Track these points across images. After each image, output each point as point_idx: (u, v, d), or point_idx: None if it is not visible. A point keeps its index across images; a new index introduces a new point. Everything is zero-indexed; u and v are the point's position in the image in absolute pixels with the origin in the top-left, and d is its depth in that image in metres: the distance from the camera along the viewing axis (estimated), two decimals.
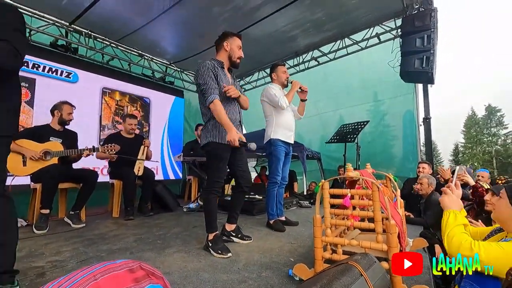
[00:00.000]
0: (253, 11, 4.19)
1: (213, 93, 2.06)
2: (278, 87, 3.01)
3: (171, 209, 3.90)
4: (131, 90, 5.67)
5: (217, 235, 2.13)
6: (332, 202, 1.57)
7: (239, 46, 2.30)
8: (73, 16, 4.21)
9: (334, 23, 4.70)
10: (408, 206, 3.52)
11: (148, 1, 3.88)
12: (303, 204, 4.51)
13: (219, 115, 2.05)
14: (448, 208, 1.25)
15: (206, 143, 2.17)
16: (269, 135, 2.92)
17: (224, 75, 2.24)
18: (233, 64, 2.31)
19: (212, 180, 2.16)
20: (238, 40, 2.30)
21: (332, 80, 6.72)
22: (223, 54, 2.28)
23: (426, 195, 3.17)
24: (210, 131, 2.16)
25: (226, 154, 2.18)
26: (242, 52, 2.32)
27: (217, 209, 2.22)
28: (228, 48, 2.26)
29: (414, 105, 5.57)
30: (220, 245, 2.06)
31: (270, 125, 2.96)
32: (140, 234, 2.61)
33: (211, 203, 2.17)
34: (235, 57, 2.28)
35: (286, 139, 2.94)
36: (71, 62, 4.71)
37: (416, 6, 4.04)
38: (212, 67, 2.14)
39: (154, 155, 4.15)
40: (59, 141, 3.02)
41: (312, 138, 7.31)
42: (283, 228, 2.79)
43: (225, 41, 2.27)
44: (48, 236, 2.49)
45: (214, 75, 2.12)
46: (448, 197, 1.29)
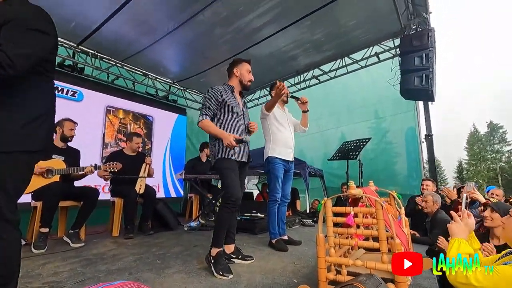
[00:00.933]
0: (255, 32, 4.31)
1: (205, 114, 2.23)
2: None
3: (171, 227, 3.84)
4: (134, 108, 5.75)
5: (220, 253, 2.09)
6: (335, 221, 1.54)
7: (249, 70, 2.44)
8: (80, 37, 4.36)
9: (334, 43, 4.82)
10: (413, 225, 3.45)
11: (153, 23, 4.02)
12: (306, 222, 4.43)
13: (208, 129, 2.20)
14: (454, 235, 1.23)
15: (217, 160, 2.24)
16: (267, 153, 2.93)
17: (234, 98, 2.36)
18: (244, 87, 2.44)
19: (227, 193, 2.15)
20: (247, 65, 2.45)
21: (333, 97, 6.81)
22: (234, 80, 2.43)
23: (432, 213, 3.10)
24: (218, 149, 2.24)
25: (235, 166, 2.23)
26: (252, 76, 2.46)
27: (227, 225, 2.20)
28: (238, 74, 2.41)
29: (415, 122, 5.60)
30: (222, 265, 2.01)
31: (268, 142, 2.98)
32: (139, 253, 2.56)
33: (223, 218, 2.15)
34: (246, 81, 2.42)
35: (284, 157, 2.93)
36: (77, 81, 4.81)
37: (414, 27, 4.14)
38: (220, 93, 2.26)
39: (156, 172, 4.14)
40: (61, 158, 3.02)
41: (314, 155, 7.30)
42: (285, 248, 2.72)
43: (235, 67, 2.42)
44: (46, 256, 2.44)
45: (219, 100, 2.25)
46: (457, 225, 1.26)
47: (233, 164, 2.21)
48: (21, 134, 1.15)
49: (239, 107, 2.38)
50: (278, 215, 2.94)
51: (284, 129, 2.97)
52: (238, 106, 2.37)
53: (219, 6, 3.69)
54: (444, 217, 2.89)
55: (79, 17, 3.86)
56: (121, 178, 3.44)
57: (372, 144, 5.85)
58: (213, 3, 3.61)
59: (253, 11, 3.82)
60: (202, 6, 3.66)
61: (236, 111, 2.31)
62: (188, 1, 3.58)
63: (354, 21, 4.21)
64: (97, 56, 4.86)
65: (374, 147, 6.19)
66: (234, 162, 2.22)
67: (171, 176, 6.30)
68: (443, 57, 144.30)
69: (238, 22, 4.05)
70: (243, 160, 2.31)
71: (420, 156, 5.48)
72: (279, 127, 2.95)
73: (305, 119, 3.10)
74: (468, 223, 1.27)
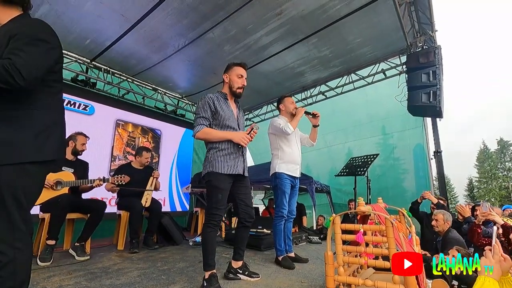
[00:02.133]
0: (263, 49, 4.42)
1: (201, 124, 2.11)
2: (284, 119, 3.00)
3: (176, 242, 3.80)
4: (143, 122, 5.85)
5: (213, 274, 2.01)
6: (345, 238, 1.51)
7: (239, 75, 2.25)
8: (94, 54, 4.52)
9: (340, 59, 4.89)
10: (423, 243, 3.35)
11: (164, 40, 4.16)
12: (312, 239, 4.34)
13: (212, 135, 2.10)
14: (482, 273, 1.08)
15: (206, 173, 2.13)
16: (275, 168, 2.90)
17: (227, 106, 2.23)
18: (233, 94, 2.27)
19: (210, 212, 2.08)
20: (239, 69, 2.26)
21: (339, 113, 6.82)
22: (225, 86, 2.30)
23: (443, 232, 3.01)
24: (210, 162, 2.12)
25: (227, 185, 2.12)
26: (244, 81, 2.27)
27: (215, 244, 2.11)
28: (227, 80, 2.27)
29: (423, 138, 5.54)
30: (214, 286, 1.93)
31: (275, 158, 2.95)
32: (144, 268, 2.53)
33: (208, 237, 2.06)
34: (235, 87, 2.25)
35: (292, 173, 2.89)
36: (88, 96, 4.94)
37: (420, 44, 4.19)
38: (212, 101, 2.15)
39: (163, 186, 4.16)
40: (71, 170, 3.07)
41: (320, 171, 7.24)
42: (292, 265, 2.66)
43: (225, 73, 2.29)
44: (51, 269, 2.43)
45: (212, 108, 2.14)
46: (486, 261, 1.11)
47: (223, 181, 2.08)
48: (30, 145, 1.17)
49: (233, 115, 2.25)
50: (285, 231, 2.89)
51: (293, 144, 2.94)
52: (232, 114, 2.24)
53: (228, 25, 3.82)
54: (456, 237, 2.79)
55: (94, 34, 4.03)
56: (127, 191, 3.45)
57: (380, 160, 5.78)
58: (222, 22, 3.73)
59: (261, 29, 3.93)
60: (212, 24, 3.78)
61: (229, 119, 2.19)
62: (199, 20, 3.71)
63: (360, 39, 4.29)
64: (109, 71, 5.02)
65: (381, 163, 6.11)
66: (225, 177, 2.09)
67: (177, 190, 6.30)
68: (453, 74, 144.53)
69: (246, 39, 4.16)
70: (238, 172, 2.15)
71: (429, 173, 5.38)
72: (288, 142, 2.92)
73: (314, 133, 3.06)
74: (503, 264, 1.11)
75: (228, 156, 2.12)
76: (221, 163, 2.09)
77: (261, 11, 3.59)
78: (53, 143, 1.24)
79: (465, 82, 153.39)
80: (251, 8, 3.52)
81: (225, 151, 2.13)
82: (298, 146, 3.02)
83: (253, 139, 2.18)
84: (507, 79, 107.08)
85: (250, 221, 2.26)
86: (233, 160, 2.14)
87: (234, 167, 2.13)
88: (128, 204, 3.49)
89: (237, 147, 2.17)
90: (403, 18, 3.64)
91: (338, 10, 3.62)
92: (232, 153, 2.14)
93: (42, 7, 3.39)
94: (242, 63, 2.31)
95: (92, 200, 3.44)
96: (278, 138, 2.94)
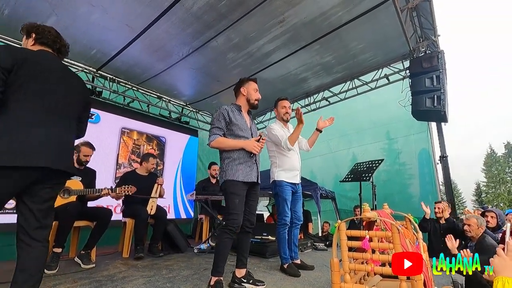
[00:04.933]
0: (265, 56, 4.46)
1: (216, 134, 2.23)
2: (279, 125, 2.99)
3: (181, 249, 3.79)
4: (148, 129, 5.90)
5: (218, 281, 2.02)
6: (350, 245, 1.50)
7: (255, 89, 2.44)
8: (100, 63, 4.60)
9: (343, 65, 4.91)
10: (430, 248, 3.30)
11: (168, 49, 4.22)
12: (318, 246, 4.30)
13: (226, 144, 2.22)
14: (498, 273, 1.00)
15: (223, 182, 2.23)
16: (274, 176, 2.88)
17: (241, 117, 2.36)
18: (252, 106, 2.44)
19: (228, 218, 2.13)
20: (254, 84, 2.45)
21: (343, 119, 6.80)
22: (242, 99, 2.44)
23: (476, 238, 2.82)
24: (225, 171, 2.22)
25: (243, 191, 2.21)
26: (259, 94, 2.46)
27: (228, 251, 2.15)
28: (245, 93, 2.42)
29: (429, 143, 5.50)
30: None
31: (274, 165, 2.94)
32: (149, 276, 2.52)
33: (223, 243, 2.11)
34: (253, 99, 2.42)
35: (291, 180, 2.88)
36: (94, 104, 5.00)
37: (423, 49, 4.19)
38: (227, 112, 2.28)
39: (167, 193, 4.16)
40: (78, 179, 3.10)
41: (325, 177, 7.21)
42: (298, 273, 2.64)
43: (241, 87, 2.44)
44: (57, 277, 2.44)
45: (227, 119, 2.26)
46: (501, 260, 1.03)
47: (239, 187, 2.18)
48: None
49: (247, 125, 2.37)
50: (290, 238, 2.87)
51: (292, 151, 2.89)
52: (246, 124, 2.36)
53: (231, 33, 3.87)
54: (492, 243, 2.65)
55: (100, 44, 4.11)
56: (133, 198, 3.46)
57: (385, 166, 5.74)
58: (225, 30, 3.79)
59: (264, 36, 3.98)
60: (216, 33, 3.84)
61: (243, 129, 2.31)
62: (202, 29, 3.77)
63: (363, 45, 4.31)
64: (114, 80, 5.10)
65: (387, 169, 6.07)
66: (241, 184, 2.19)
67: (181, 197, 6.31)
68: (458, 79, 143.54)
69: (249, 47, 4.21)
70: (252, 180, 2.25)
71: (435, 178, 5.33)
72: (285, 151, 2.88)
73: (315, 138, 3.01)
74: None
75: (242, 165, 2.22)
76: (236, 172, 2.19)
77: (264, 19, 3.64)
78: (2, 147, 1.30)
79: (471, 86, 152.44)
80: (253, 17, 3.57)
81: (239, 160, 2.23)
82: (296, 151, 2.97)
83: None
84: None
85: (251, 228, 2.33)
86: (247, 168, 2.23)
87: (248, 175, 2.23)
88: (133, 212, 3.50)
89: (249, 155, 2.27)
90: (405, 24, 3.65)
91: (340, 17, 3.65)
92: (245, 162, 2.24)
93: (50, 19, 3.47)
94: (255, 78, 2.49)
95: (98, 208, 3.46)
96: (275, 146, 2.92)
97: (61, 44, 1.70)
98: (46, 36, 1.64)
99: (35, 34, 1.63)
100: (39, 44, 1.63)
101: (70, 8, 3.34)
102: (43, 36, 1.63)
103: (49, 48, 1.65)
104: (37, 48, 1.62)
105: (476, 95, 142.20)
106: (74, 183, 3.01)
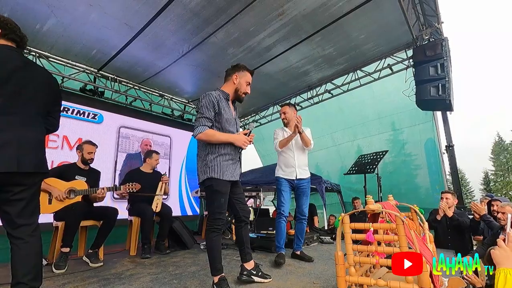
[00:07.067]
0: (266, 50, 4.42)
1: (204, 125, 2.04)
2: (281, 129, 3.17)
3: (187, 246, 3.82)
4: (151, 128, 5.92)
5: (222, 277, 2.01)
6: (355, 238, 1.48)
7: (248, 82, 2.25)
8: (101, 63, 4.61)
9: (345, 56, 4.84)
10: (436, 240, 3.26)
11: (168, 46, 4.21)
12: (324, 239, 4.29)
13: (216, 138, 2.05)
14: (500, 265, 0.98)
15: (206, 178, 2.05)
16: (275, 173, 3.16)
17: (228, 108, 2.19)
18: (238, 98, 2.26)
19: (213, 217, 2.06)
20: (249, 76, 2.26)
21: (347, 111, 6.75)
22: (230, 87, 2.22)
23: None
24: (210, 167, 2.05)
25: (227, 189, 2.11)
26: (249, 89, 2.27)
27: (220, 248, 2.11)
28: (237, 82, 2.21)
29: (434, 133, 5.42)
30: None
31: (277, 162, 3.21)
32: (156, 273, 2.55)
33: (213, 242, 2.05)
34: (241, 92, 2.23)
35: (288, 176, 3.05)
36: (97, 104, 5.04)
37: (426, 37, 4.10)
38: (217, 101, 2.08)
39: (172, 191, 4.19)
40: (83, 179, 3.12)
41: (330, 169, 7.18)
42: (280, 262, 2.71)
43: (235, 73, 2.22)
44: (66, 276, 2.48)
45: (216, 109, 2.07)
46: (501, 251, 1.01)
47: (225, 186, 2.06)
48: None
49: (233, 117, 2.21)
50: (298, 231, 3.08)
51: (287, 149, 3.07)
52: (232, 116, 2.20)
53: (230, 28, 3.83)
54: None
55: (100, 44, 4.11)
56: (138, 196, 3.49)
57: (391, 157, 5.69)
58: (225, 25, 3.75)
59: (263, 30, 3.93)
60: (215, 28, 3.81)
61: (230, 123, 2.15)
62: (201, 25, 3.74)
63: (364, 35, 4.24)
64: (116, 80, 5.11)
65: (393, 160, 6.02)
66: (226, 183, 2.07)
67: (187, 194, 6.34)
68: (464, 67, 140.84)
69: (249, 41, 4.17)
70: (235, 179, 2.15)
71: (442, 168, 5.26)
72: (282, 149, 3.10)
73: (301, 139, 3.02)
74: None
75: (228, 162, 2.10)
76: (222, 169, 2.05)
77: (263, 13, 3.60)
78: None
79: (477, 74, 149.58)
80: (252, 10, 3.53)
81: (227, 157, 2.09)
82: (292, 150, 3.09)
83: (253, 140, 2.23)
84: None
85: (248, 217, 2.31)
86: (233, 165, 2.14)
87: (234, 173, 2.13)
88: (139, 210, 3.52)
89: (237, 151, 2.16)
90: (407, 11, 3.57)
91: (340, 7, 3.59)
92: (232, 159, 2.13)
93: (49, 20, 3.48)
94: (252, 70, 2.29)
95: (104, 207, 3.49)
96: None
97: (21, 36, 1.59)
98: (11, 29, 1.54)
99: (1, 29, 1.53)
100: (5, 39, 1.54)
101: (69, 8, 3.34)
102: (6, 29, 1.53)
103: (11, 42, 1.55)
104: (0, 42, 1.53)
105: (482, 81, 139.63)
106: (79, 184, 3.04)
